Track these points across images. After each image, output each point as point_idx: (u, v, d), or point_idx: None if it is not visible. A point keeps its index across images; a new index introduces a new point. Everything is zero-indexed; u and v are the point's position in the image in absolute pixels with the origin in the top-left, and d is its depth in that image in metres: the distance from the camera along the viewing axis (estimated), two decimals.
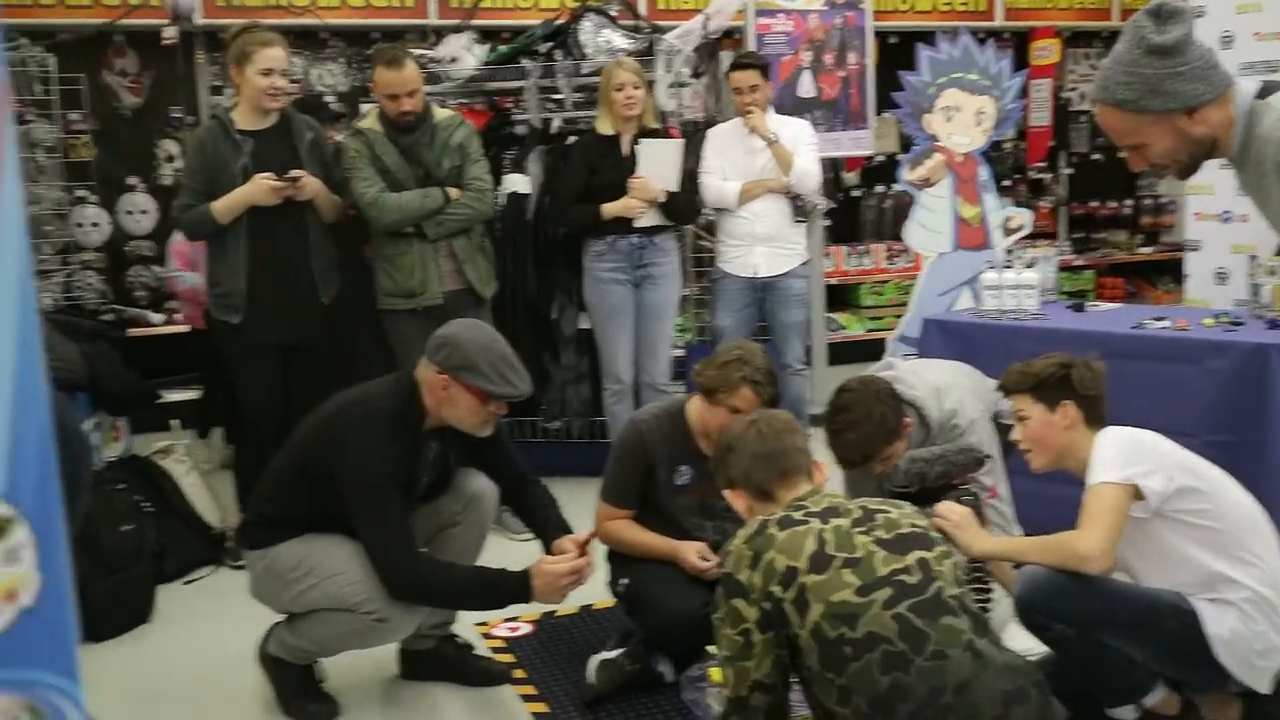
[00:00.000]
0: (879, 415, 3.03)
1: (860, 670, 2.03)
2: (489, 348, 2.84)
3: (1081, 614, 2.49)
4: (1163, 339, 3.79)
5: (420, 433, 2.91)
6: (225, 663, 3.38)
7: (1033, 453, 2.75)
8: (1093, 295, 7.63)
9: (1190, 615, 2.48)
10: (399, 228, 4.25)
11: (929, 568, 2.12)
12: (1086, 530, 2.47)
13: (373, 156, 4.22)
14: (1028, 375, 2.72)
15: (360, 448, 2.78)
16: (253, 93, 4.03)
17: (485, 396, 2.82)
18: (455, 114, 4.50)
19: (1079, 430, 2.66)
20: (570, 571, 2.87)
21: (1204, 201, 5.59)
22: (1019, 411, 2.75)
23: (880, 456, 3.09)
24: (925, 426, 3.24)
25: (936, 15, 7.16)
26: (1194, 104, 2.05)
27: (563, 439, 5.19)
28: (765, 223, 4.98)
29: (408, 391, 2.90)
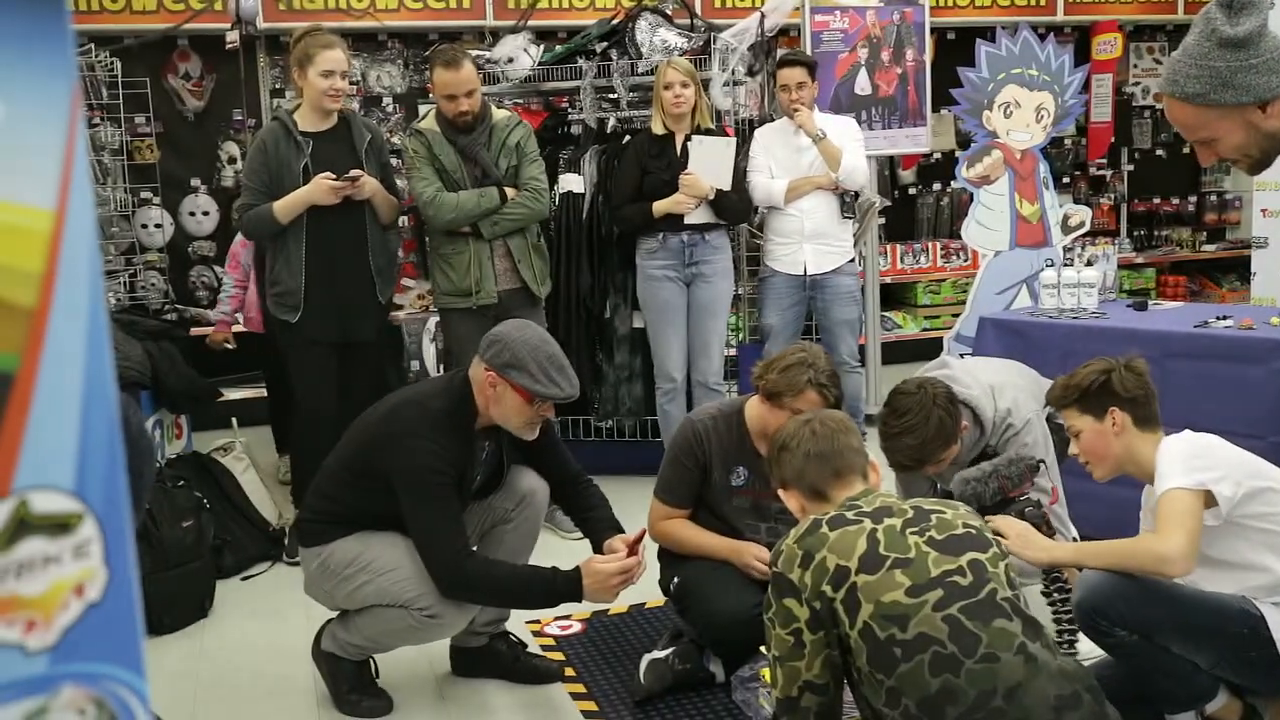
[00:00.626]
0: (936, 420, 3.00)
1: (909, 672, 2.01)
2: (538, 348, 2.86)
3: (1144, 619, 2.44)
4: (1227, 338, 3.71)
5: (473, 431, 2.94)
6: (281, 658, 3.44)
7: (1092, 464, 2.71)
8: (1155, 294, 7.50)
9: (1257, 619, 2.43)
10: (456, 227, 4.28)
11: (983, 569, 2.09)
12: (1166, 533, 2.42)
13: (431, 156, 4.27)
14: (1070, 388, 2.69)
15: (415, 447, 2.81)
16: (314, 94, 4.10)
17: (531, 396, 2.83)
18: (513, 114, 4.53)
19: (1132, 434, 2.62)
20: (621, 571, 2.87)
21: (1271, 198, 5.46)
22: (1070, 427, 2.71)
23: (935, 460, 3.07)
24: (979, 426, 3.21)
25: (996, 10, 7.07)
26: (1268, 97, 2.00)
27: (615, 438, 5.21)
28: (813, 220, 4.95)
29: (461, 391, 2.92)
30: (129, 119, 5.76)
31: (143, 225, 5.90)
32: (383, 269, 4.20)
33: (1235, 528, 2.47)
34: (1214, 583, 2.53)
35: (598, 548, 3.06)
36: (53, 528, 0.88)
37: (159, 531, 3.66)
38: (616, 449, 5.16)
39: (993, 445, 3.21)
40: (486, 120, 4.33)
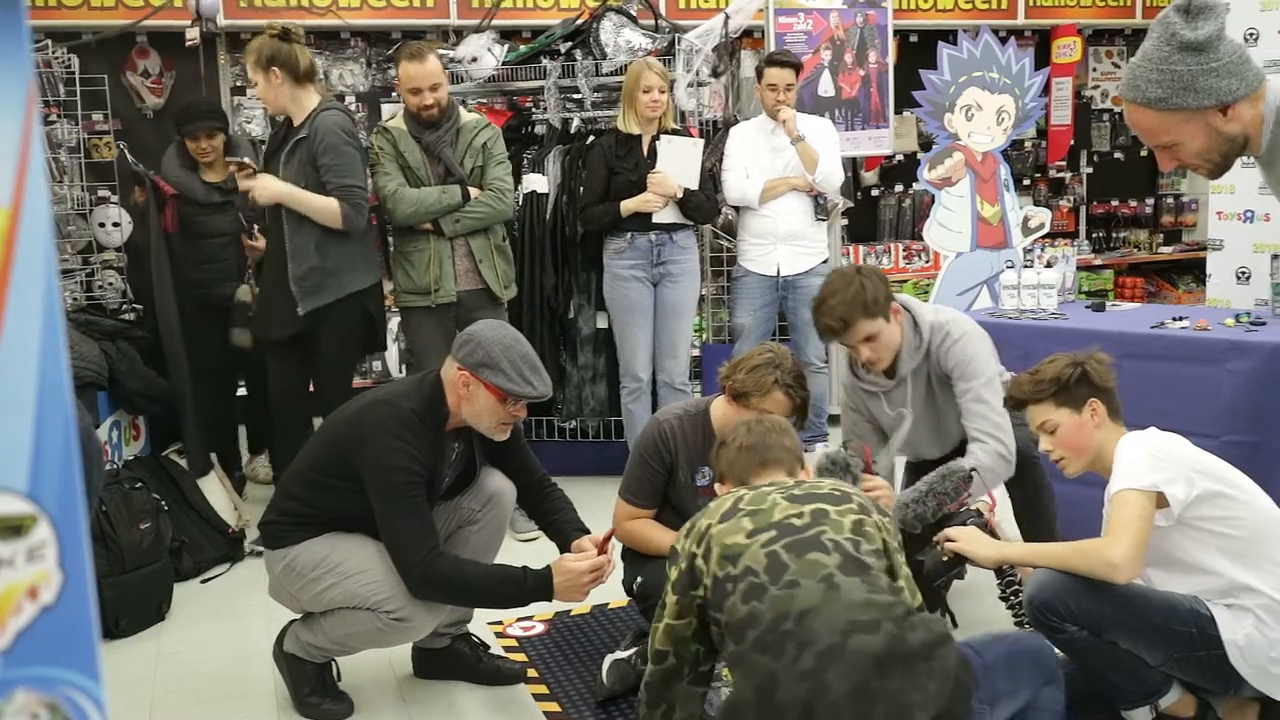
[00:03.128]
0: (859, 284, 3.15)
1: (732, 604, 2.08)
2: (511, 347, 2.86)
3: (1093, 615, 2.47)
4: (1183, 339, 3.77)
5: (443, 432, 2.93)
6: (241, 660, 3.41)
7: (1066, 459, 2.70)
8: (1112, 295, 7.59)
9: (1206, 620, 2.46)
10: (415, 221, 4.28)
11: (822, 515, 2.14)
12: (1115, 539, 2.43)
13: (395, 153, 4.28)
14: (1044, 382, 2.66)
15: (386, 446, 2.80)
16: None
17: (504, 395, 2.83)
18: (482, 117, 4.54)
19: (1107, 426, 2.64)
20: (591, 569, 2.88)
21: (1226, 200, 5.54)
22: (1043, 423, 2.69)
23: (862, 331, 3.16)
24: (918, 332, 3.31)
25: (957, 13, 7.12)
26: (1228, 100, 2.02)
27: (579, 438, 5.20)
28: (788, 221, 4.98)
29: (433, 391, 2.91)
30: (86, 116, 5.68)
31: (100, 224, 5.82)
32: (300, 277, 4.02)
33: (1187, 529, 2.49)
34: (1167, 583, 2.56)
35: (565, 548, 3.06)
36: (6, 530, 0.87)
37: (116, 534, 3.61)
38: (581, 449, 5.16)
39: (934, 352, 3.29)
40: (453, 119, 4.31)
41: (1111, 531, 2.45)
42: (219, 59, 6.14)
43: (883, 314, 3.18)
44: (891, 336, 3.23)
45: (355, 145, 4.08)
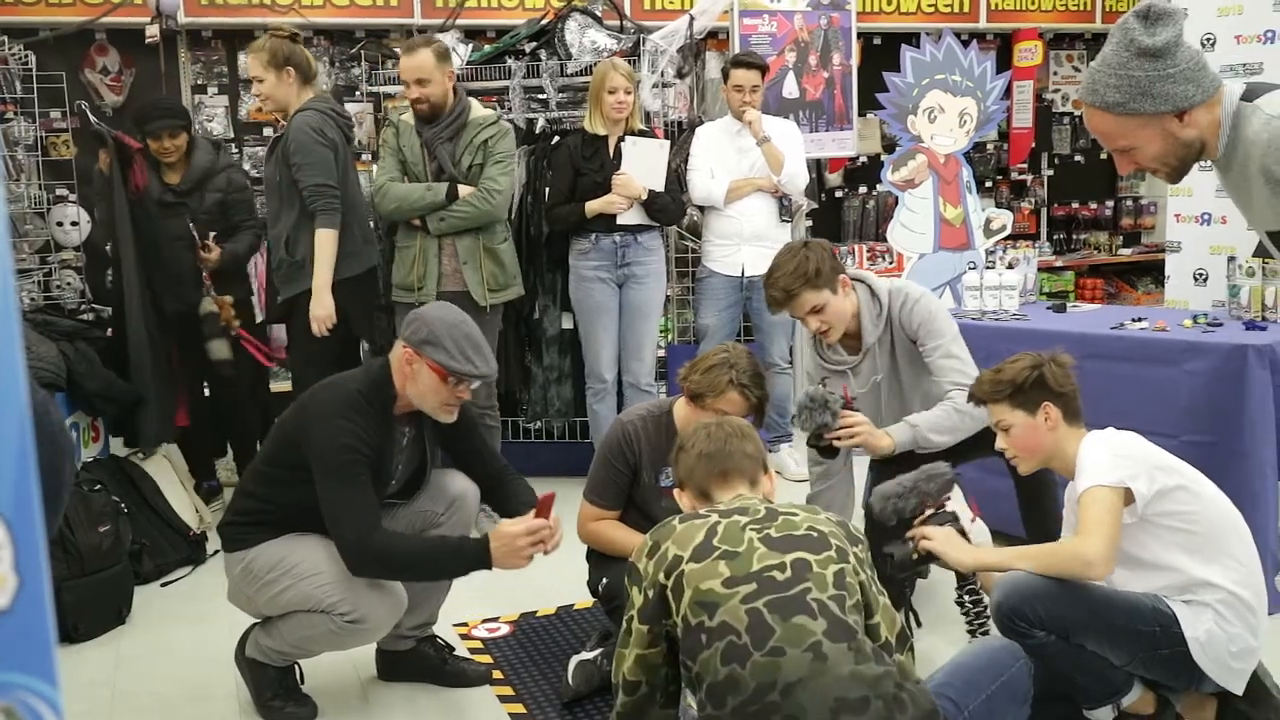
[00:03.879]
0: (802, 256, 3.22)
1: (708, 659, 2.02)
2: (455, 326, 2.85)
3: (1061, 619, 2.48)
4: (1142, 340, 3.81)
5: (391, 414, 2.91)
6: (202, 664, 3.38)
7: (1020, 459, 2.74)
8: (1073, 296, 7.67)
9: (1169, 619, 2.49)
10: (400, 217, 4.30)
11: (805, 568, 2.07)
12: (1088, 537, 2.45)
13: (396, 147, 4.31)
14: (1002, 383, 2.70)
15: (330, 426, 2.78)
16: None
17: (446, 374, 2.81)
18: (492, 113, 4.46)
19: (1062, 429, 2.67)
20: (528, 532, 2.76)
21: (1184, 203, 5.62)
22: (999, 421, 2.73)
23: (808, 302, 3.22)
24: (876, 300, 3.38)
25: (920, 16, 7.17)
26: (1185, 106, 2.04)
27: (544, 439, 5.20)
28: (753, 222, 4.99)
29: (379, 373, 2.91)
30: (44, 114, 5.61)
31: (58, 223, 5.75)
32: (274, 268, 4.30)
33: (1149, 526, 2.53)
34: (1129, 581, 2.58)
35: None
36: None
37: (75, 537, 3.57)
38: (546, 450, 5.16)
39: (895, 315, 3.33)
40: (455, 114, 4.30)
41: (1083, 529, 2.47)
42: (180, 57, 6.08)
43: (828, 285, 3.24)
44: (840, 307, 3.28)
45: (326, 143, 4.09)
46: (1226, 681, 2.52)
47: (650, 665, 2.18)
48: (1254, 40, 5.28)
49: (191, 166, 4.56)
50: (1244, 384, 3.49)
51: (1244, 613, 2.50)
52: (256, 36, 4.16)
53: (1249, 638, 2.50)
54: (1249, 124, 2.01)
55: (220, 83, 6.22)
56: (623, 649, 2.20)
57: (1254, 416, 3.48)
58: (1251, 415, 3.48)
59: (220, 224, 4.62)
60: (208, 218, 4.56)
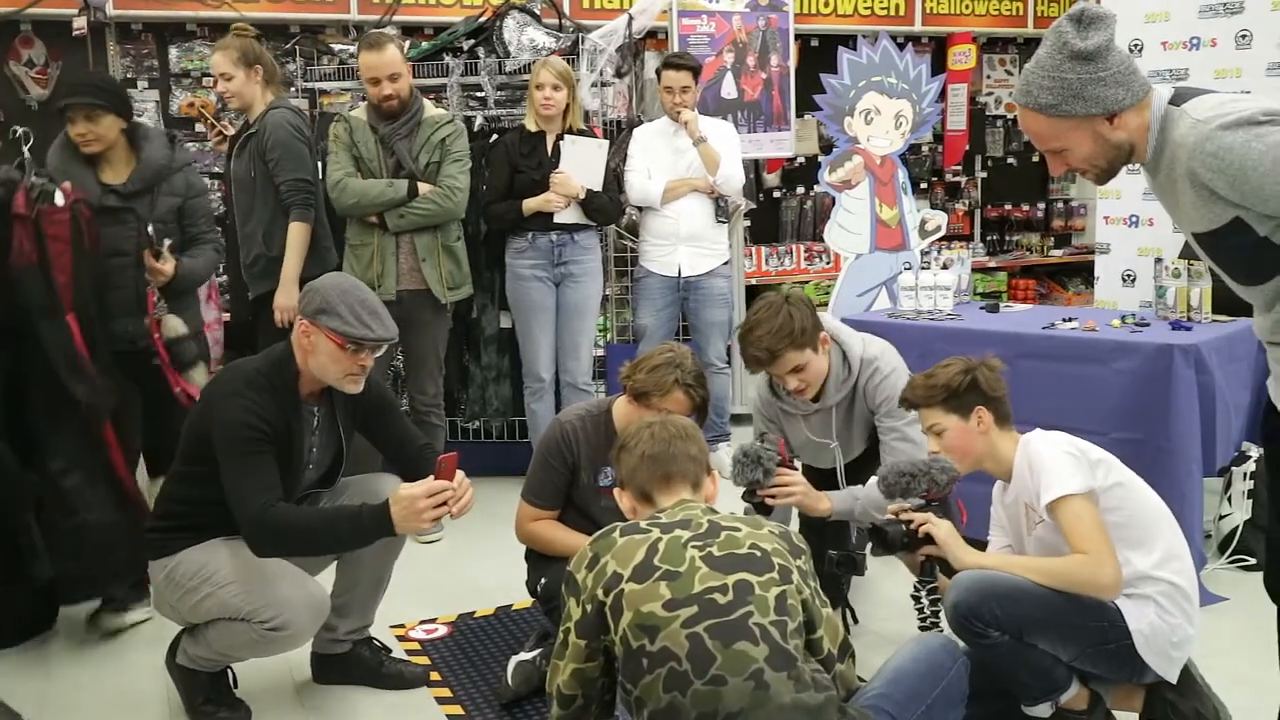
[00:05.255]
0: (786, 314, 3.10)
1: (649, 685, 1.99)
2: (349, 292, 2.82)
3: (1015, 619, 2.51)
4: (1073, 339, 3.88)
5: (295, 391, 2.87)
6: (132, 670, 3.32)
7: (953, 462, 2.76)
8: (1006, 296, 7.79)
9: (1114, 613, 2.53)
10: (358, 213, 4.25)
11: (747, 591, 2.03)
12: (1098, 559, 2.47)
13: (350, 143, 4.26)
14: (935, 388, 2.72)
15: (229, 405, 2.75)
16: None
17: (343, 340, 2.78)
18: (446, 113, 4.47)
19: (994, 432, 2.71)
20: (428, 494, 2.69)
21: (1113, 206, 5.73)
22: (932, 426, 2.75)
23: (789, 362, 3.12)
24: (847, 364, 3.29)
25: (857, 19, 7.24)
26: (1115, 109, 2.09)
27: (482, 438, 5.17)
28: (689, 222, 5.01)
29: (282, 352, 2.88)
30: None
31: None
32: (249, 264, 4.22)
33: None
34: None
35: None
36: None
37: None
38: (484, 450, 5.13)
39: (860, 386, 3.28)
40: (413, 112, 4.28)
41: (1088, 549, 2.49)
42: (108, 49, 5.95)
43: (810, 344, 3.14)
44: (819, 367, 3.20)
45: (304, 140, 4.14)
46: (1165, 671, 2.57)
47: (587, 679, 2.15)
48: (1180, 46, 5.41)
49: (141, 162, 3.73)
50: (1170, 383, 3.57)
51: (1182, 602, 2.56)
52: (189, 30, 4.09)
53: (1188, 627, 2.56)
54: (1176, 128, 2.06)
55: (150, 77, 6.09)
56: (558, 660, 2.17)
57: (1180, 414, 3.56)
58: (1177, 413, 3.56)
59: (174, 236, 3.83)
60: (162, 228, 3.76)
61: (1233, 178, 1.95)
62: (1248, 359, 3.80)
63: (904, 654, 2.41)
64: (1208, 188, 2.00)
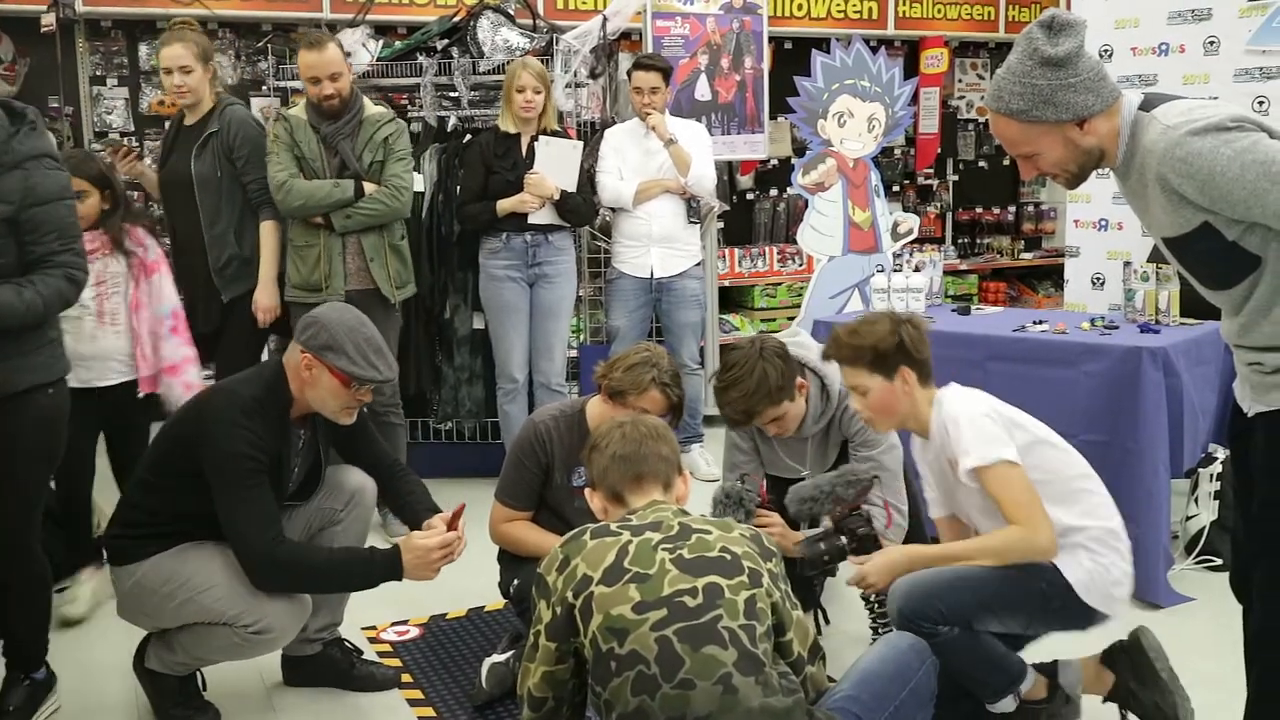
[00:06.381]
0: (760, 372, 3.05)
1: (617, 687, 2.00)
2: (355, 330, 2.81)
3: (961, 610, 2.55)
4: (1043, 342, 3.91)
5: (287, 418, 2.86)
6: (98, 672, 3.28)
7: (876, 420, 2.80)
8: (977, 299, 7.85)
9: (1050, 571, 2.59)
10: (305, 215, 4.20)
11: (716, 594, 2.03)
12: (1030, 525, 2.55)
13: (291, 143, 4.20)
14: (862, 349, 2.71)
15: (225, 433, 2.71)
16: (166, 91, 4.18)
17: (348, 379, 2.78)
18: (387, 111, 4.44)
19: (917, 392, 2.72)
20: (440, 545, 2.80)
21: (1082, 209, 5.78)
22: (856, 386, 2.75)
23: (768, 416, 3.12)
24: (826, 395, 3.28)
25: (830, 22, 7.27)
26: (1084, 115, 2.11)
27: (455, 440, 5.15)
28: (661, 223, 5.01)
29: (274, 377, 2.85)
30: None
31: None
32: (221, 267, 4.13)
33: None
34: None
35: (417, 528, 2.98)
36: None
37: None
38: (457, 451, 5.11)
39: (838, 417, 3.29)
40: (355, 110, 4.25)
41: (1021, 517, 2.55)
42: (77, 46, 5.90)
43: (787, 396, 3.11)
44: (797, 412, 3.18)
45: (265, 138, 4.20)
46: (1112, 610, 2.63)
47: (557, 681, 2.15)
48: (1149, 53, 5.46)
49: None
50: (1138, 385, 3.61)
51: (1112, 542, 2.64)
52: (160, 27, 4.05)
53: (1122, 563, 2.63)
54: (1146, 133, 2.08)
55: (120, 74, 6.05)
56: (529, 663, 2.17)
57: (1148, 416, 3.60)
58: (1145, 415, 3.60)
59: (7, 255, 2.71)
60: None
61: (1202, 183, 1.98)
62: (1215, 362, 3.85)
63: (872, 655, 2.42)
64: (1177, 192, 2.02)
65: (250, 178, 4.12)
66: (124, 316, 3.71)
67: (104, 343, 3.68)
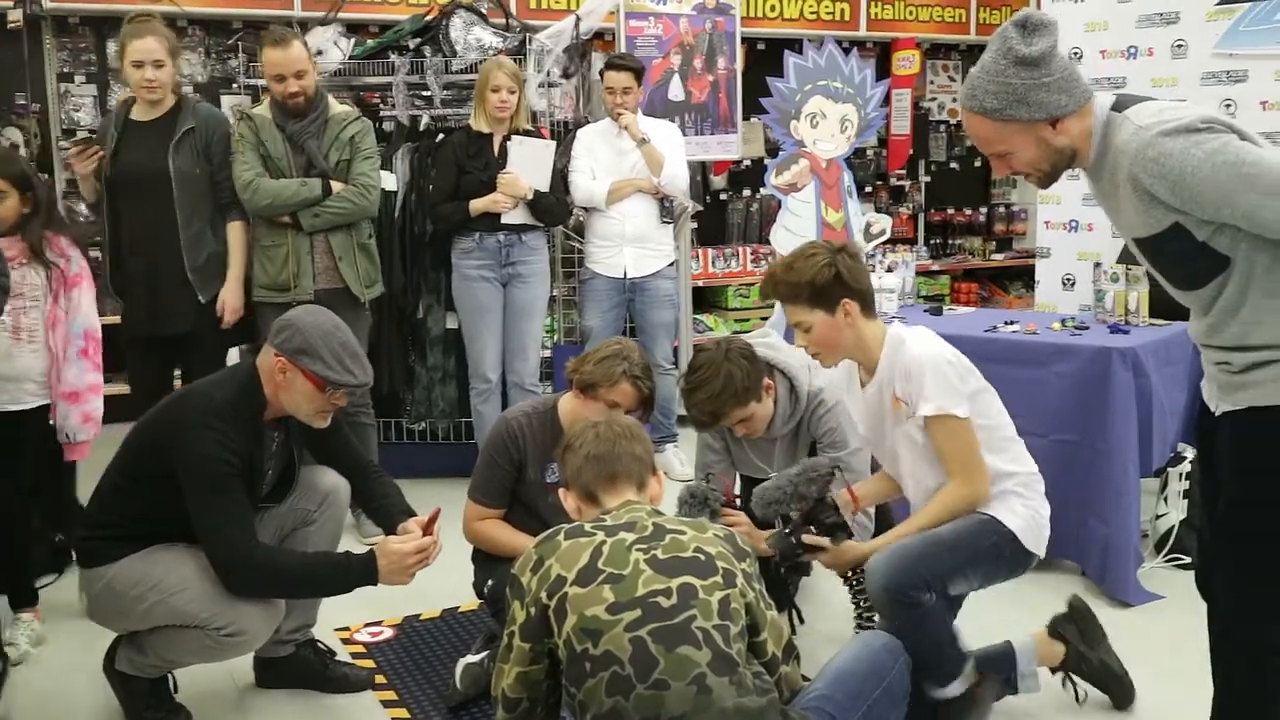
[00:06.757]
0: (726, 374, 3.07)
1: (592, 688, 2.00)
2: (330, 334, 2.79)
3: (939, 572, 2.62)
4: (1014, 342, 3.94)
5: (261, 421, 2.84)
6: (68, 673, 3.26)
7: (822, 355, 2.81)
8: (949, 299, 7.89)
9: (993, 523, 2.69)
10: (272, 214, 4.17)
11: (690, 594, 2.04)
12: (969, 480, 2.68)
13: (256, 142, 4.16)
14: (800, 285, 2.70)
15: (198, 437, 2.69)
16: (131, 85, 4.00)
17: (323, 383, 2.76)
18: (352, 109, 4.42)
19: (860, 322, 2.73)
20: (416, 550, 2.79)
21: (1054, 210, 5.83)
22: (799, 323, 2.75)
23: (735, 417, 3.14)
24: (794, 396, 3.30)
25: (803, 23, 7.30)
26: (1057, 114, 2.12)
27: (428, 440, 5.13)
28: (634, 223, 5.01)
29: (247, 380, 2.83)
30: None
31: None
32: (199, 266, 4.04)
33: None
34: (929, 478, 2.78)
35: (391, 531, 2.98)
36: None
37: None
38: (430, 451, 5.09)
39: (806, 418, 3.31)
40: (320, 109, 4.22)
41: (962, 470, 2.68)
42: (44, 43, 5.84)
43: (755, 397, 3.13)
44: (765, 413, 3.21)
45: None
46: (1041, 550, 2.76)
47: (531, 682, 2.15)
48: (1118, 55, 5.51)
49: None
50: (1108, 385, 3.64)
51: (1036, 486, 2.77)
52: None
53: (1044, 507, 2.77)
54: (1119, 133, 2.10)
55: (88, 71, 5.99)
56: (503, 664, 2.16)
57: (1117, 416, 3.63)
58: (1115, 414, 3.63)
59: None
60: None
61: (1173, 183, 1.99)
62: (1184, 362, 3.89)
63: (846, 654, 2.44)
64: (1149, 193, 2.04)
65: (225, 175, 4.09)
66: (41, 333, 3.39)
67: (20, 362, 3.36)
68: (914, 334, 2.76)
